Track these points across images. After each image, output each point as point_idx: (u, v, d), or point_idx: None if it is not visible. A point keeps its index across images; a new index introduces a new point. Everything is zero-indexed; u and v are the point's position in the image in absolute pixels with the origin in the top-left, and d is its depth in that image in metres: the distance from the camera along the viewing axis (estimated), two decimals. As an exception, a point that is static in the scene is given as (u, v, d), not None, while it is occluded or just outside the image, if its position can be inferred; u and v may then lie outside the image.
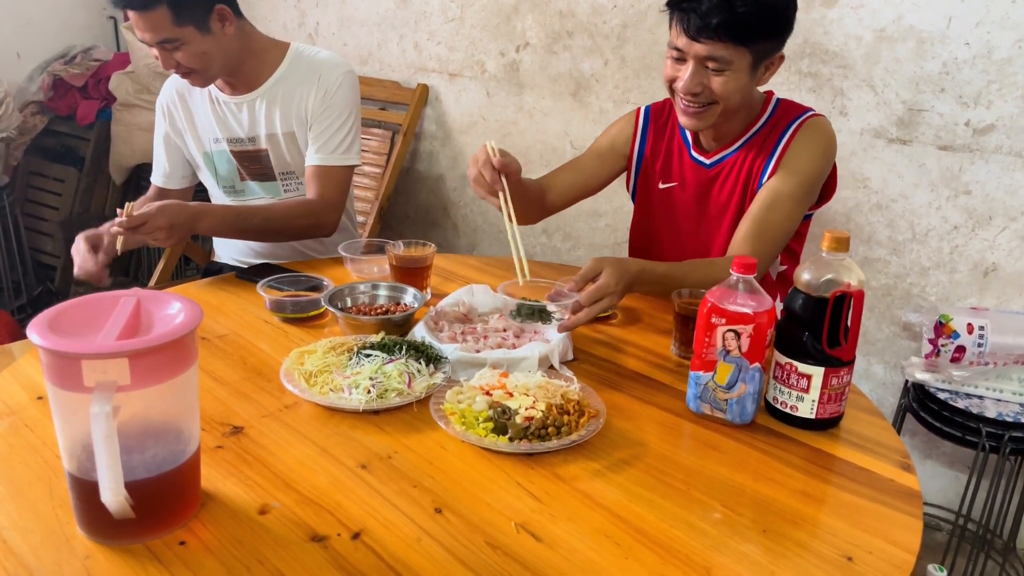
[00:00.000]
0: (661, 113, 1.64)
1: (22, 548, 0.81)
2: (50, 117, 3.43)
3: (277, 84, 1.79)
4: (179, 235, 1.54)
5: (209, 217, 1.61)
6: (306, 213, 1.75)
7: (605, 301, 1.29)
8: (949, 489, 2.13)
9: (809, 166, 1.46)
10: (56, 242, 3.40)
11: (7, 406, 1.08)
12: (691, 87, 1.39)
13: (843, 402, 1.11)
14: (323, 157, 1.78)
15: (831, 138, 1.50)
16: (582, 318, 1.29)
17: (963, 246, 1.97)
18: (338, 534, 0.86)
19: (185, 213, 1.54)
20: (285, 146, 1.82)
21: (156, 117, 1.91)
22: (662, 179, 1.63)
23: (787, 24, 1.39)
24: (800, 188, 1.46)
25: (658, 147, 1.63)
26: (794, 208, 1.46)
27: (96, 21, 3.68)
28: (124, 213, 1.45)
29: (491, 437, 1.02)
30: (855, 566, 0.85)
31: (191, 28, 1.61)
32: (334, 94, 1.78)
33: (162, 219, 1.49)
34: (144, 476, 0.81)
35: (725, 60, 1.36)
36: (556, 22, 2.55)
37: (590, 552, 0.85)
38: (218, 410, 1.10)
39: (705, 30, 1.33)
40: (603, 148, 1.69)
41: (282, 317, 1.40)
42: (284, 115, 1.79)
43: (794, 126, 1.48)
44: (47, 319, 0.79)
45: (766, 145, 1.49)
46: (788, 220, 1.47)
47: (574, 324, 1.30)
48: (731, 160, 1.53)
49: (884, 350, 2.14)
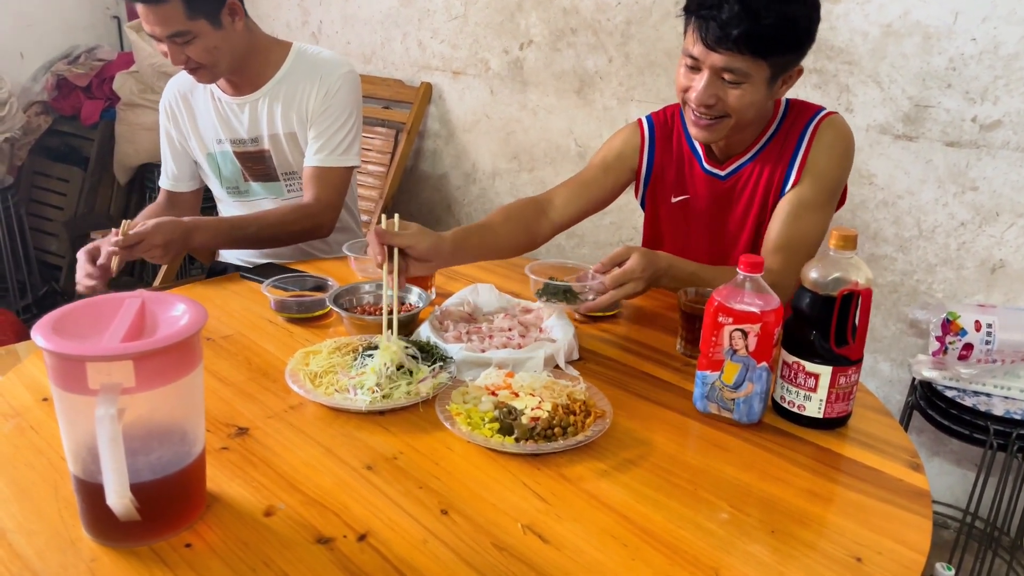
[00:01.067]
0: (665, 123, 1.58)
1: (27, 551, 0.81)
2: (54, 117, 3.43)
3: (279, 84, 1.79)
4: (175, 251, 1.54)
5: (203, 231, 1.60)
6: (301, 217, 1.74)
7: (630, 286, 1.29)
8: (956, 487, 2.12)
9: (833, 171, 1.42)
10: (61, 242, 3.41)
11: (12, 408, 1.08)
12: (704, 99, 1.33)
13: (851, 401, 1.10)
14: (322, 158, 1.78)
15: (849, 136, 1.45)
16: (605, 300, 1.30)
17: (970, 243, 1.96)
18: (344, 536, 0.86)
19: (180, 229, 1.54)
20: (287, 146, 1.82)
21: (160, 119, 1.91)
22: (674, 192, 1.57)
23: (809, 38, 1.33)
24: (824, 194, 1.42)
25: (666, 159, 1.57)
26: (821, 216, 1.43)
27: (100, 21, 3.68)
28: (120, 232, 1.45)
29: (497, 438, 1.01)
30: (864, 566, 0.84)
31: (203, 21, 1.61)
32: (335, 94, 1.78)
33: (158, 237, 1.49)
34: (149, 478, 0.81)
35: (742, 72, 1.30)
36: (560, 19, 2.54)
37: (597, 553, 0.85)
38: (223, 411, 1.09)
39: (724, 40, 1.26)
40: (610, 160, 1.60)
41: (287, 317, 1.40)
42: (286, 115, 1.79)
43: (811, 128, 1.43)
44: (51, 321, 0.79)
45: (784, 152, 1.44)
46: (816, 229, 1.42)
47: (598, 305, 1.32)
48: (747, 170, 1.48)
49: (891, 347, 2.13)
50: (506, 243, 1.48)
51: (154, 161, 3.26)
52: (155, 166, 3.10)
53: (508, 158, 2.83)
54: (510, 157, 2.82)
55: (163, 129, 1.91)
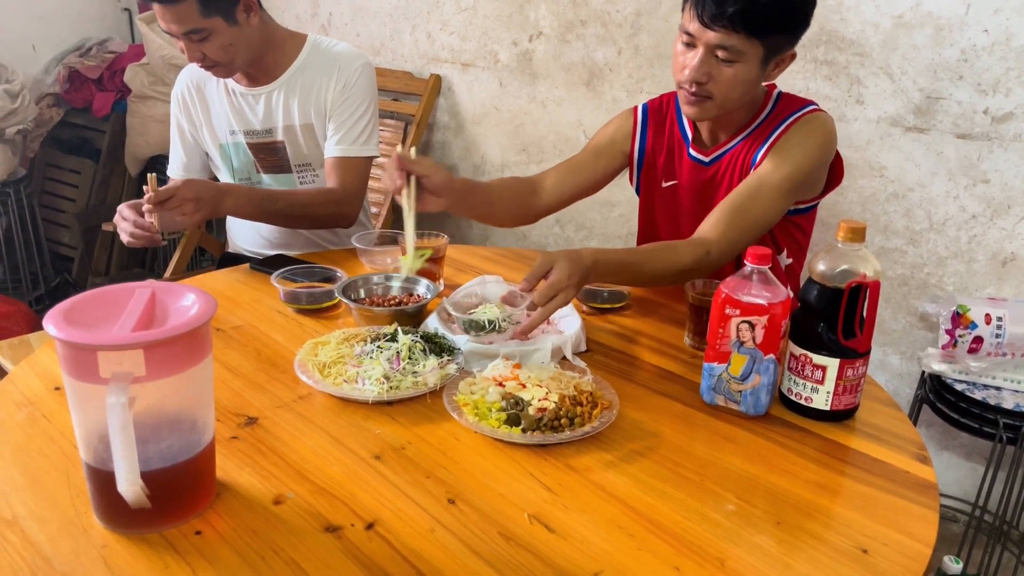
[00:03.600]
0: (659, 110, 1.59)
1: (39, 537, 0.82)
2: (66, 109, 3.45)
3: (295, 75, 1.80)
4: (206, 210, 1.56)
5: (234, 196, 1.64)
6: (327, 201, 1.76)
7: (560, 297, 1.20)
8: (965, 480, 2.11)
9: (800, 159, 1.39)
10: (73, 233, 3.43)
11: (25, 397, 1.09)
12: (698, 76, 1.34)
13: (858, 393, 1.10)
14: (343, 148, 1.80)
15: (829, 133, 1.42)
16: (536, 320, 1.21)
17: (981, 235, 1.95)
18: (352, 524, 0.86)
19: (212, 189, 1.57)
20: (302, 137, 1.83)
21: (171, 108, 1.92)
22: (664, 177, 1.58)
23: (804, 20, 1.34)
24: (788, 181, 1.38)
25: (659, 144, 1.58)
26: (777, 200, 1.39)
27: (110, 13, 3.69)
28: (149, 188, 1.47)
29: (504, 428, 1.02)
30: (870, 558, 0.85)
31: (219, 18, 1.62)
32: (353, 86, 1.79)
33: (189, 191, 1.51)
34: (160, 466, 0.82)
35: (736, 51, 1.31)
36: (569, 11, 2.54)
37: (603, 543, 0.85)
38: (233, 401, 1.10)
39: (720, 18, 1.28)
40: (602, 145, 1.63)
41: (296, 308, 1.41)
42: (302, 106, 1.80)
43: (791, 119, 1.42)
44: (63, 311, 0.80)
45: (761, 136, 1.44)
46: (768, 211, 1.39)
47: (529, 328, 1.23)
48: (729, 156, 1.48)
49: (900, 341, 2.13)
50: (502, 210, 1.58)
51: (165, 153, 3.27)
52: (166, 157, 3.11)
53: (517, 150, 2.83)
54: (519, 149, 2.82)
55: (174, 119, 1.91)
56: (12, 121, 3.04)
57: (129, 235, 1.53)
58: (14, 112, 3.03)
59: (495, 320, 1.24)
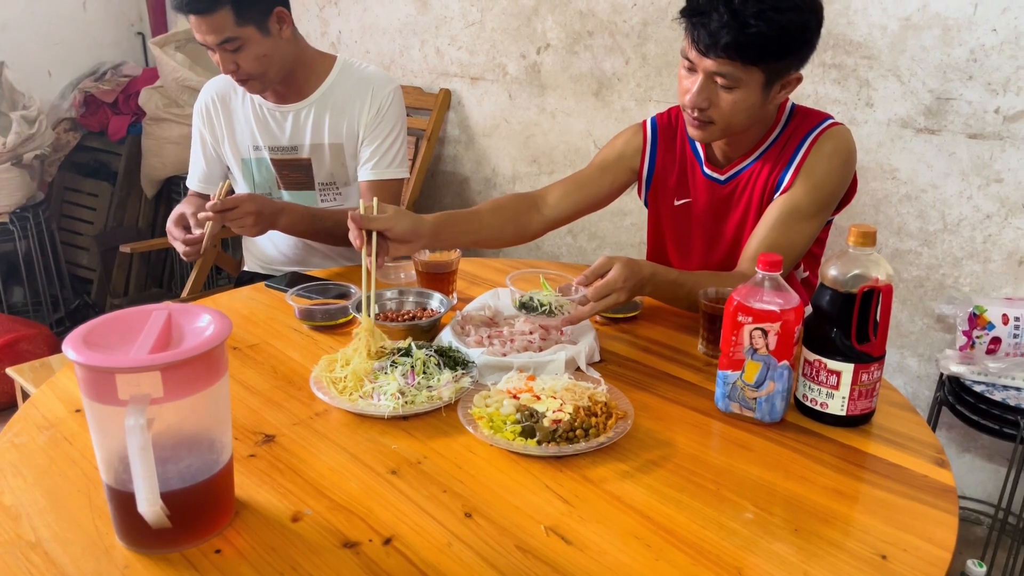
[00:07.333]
0: (669, 125, 1.58)
1: (63, 559, 0.83)
2: (82, 133, 3.50)
3: (327, 95, 1.82)
4: (264, 225, 1.63)
5: (289, 214, 1.71)
6: None
7: (612, 297, 1.27)
8: (988, 482, 2.09)
9: (829, 181, 1.40)
10: (92, 256, 3.47)
11: (46, 419, 1.11)
12: (698, 102, 1.34)
13: (874, 398, 1.09)
14: (379, 172, 1.84)
15: (851, 149, 1.42)
16: (586, 312, 1.28)
17: (996, 235, 1.93)
18: (370, 540, 0.87)
19: (272, 206, 1.65)
20: (329, 156, 1.86)
21: (194, 120, 1.94)
22: (676, 195, 1.57)
23: (807, 45, 1.32)
24: (816, 205, 1.40)
25: (669, 161, 1.57)
26: (810, 226, 1.41)
27: (124, 37, 3.75)
28: (215, 196, 1.51)
29: (519, 440, 1.02)
30: (890, 564, 0.84)
31: (252, 28, 1.65)
32: (387, 110, 1.83)
33: (252, 205, 1.58)
34: (179, 486, 0.82)
35: (735, 77, 1.30)
36: (576, 22, 2.55)
37: (620, 554, 0.85)
38: (250, 419, 1.11)
39: (714, 48, 1.27)
40: (609, 160, 1.61)
41: (311, 325, 1.42)
42: (334, 126, 1.83)
43: (813, 136, 1.41)
44: (82, 334, 0.81)
45: (783, 156, 1.43)
46: (803, 238, 1.41)
47: (578, 318, 1.28)
48: (746, 174, 1.47)
49: (918, 343, 2.11)
50: (492, 233, 1.55)
51: (180, 174, 3.31)
52: (181, 178, 3.14)
53: (528, 162, 2.84)
54: (530, 161, 2.83)
55: (196, 131, 1.94)
56: (30, 146, 3.09)
57: (183, 254, 1.61)
58: (32, 138, 3.08)
59: (548, 304, 1.29)
